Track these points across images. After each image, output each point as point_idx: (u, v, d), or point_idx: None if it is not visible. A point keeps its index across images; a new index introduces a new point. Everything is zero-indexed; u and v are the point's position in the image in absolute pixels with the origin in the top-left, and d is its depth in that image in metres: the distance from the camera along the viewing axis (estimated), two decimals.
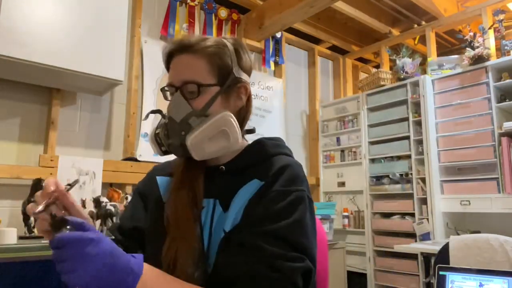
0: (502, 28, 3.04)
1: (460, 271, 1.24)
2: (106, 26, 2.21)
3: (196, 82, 0.77)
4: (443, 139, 3.06)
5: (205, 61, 0.79)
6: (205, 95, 0.78)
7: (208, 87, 0.78)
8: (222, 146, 0.77)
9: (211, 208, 0.78)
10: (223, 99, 0.80)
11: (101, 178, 2.38)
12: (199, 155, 0.77)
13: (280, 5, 3.12)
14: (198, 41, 0.80)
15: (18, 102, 2.28)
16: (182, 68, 0.80)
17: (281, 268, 0.65)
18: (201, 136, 0.75)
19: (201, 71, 0.78)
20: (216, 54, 0.80)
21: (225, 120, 0.76)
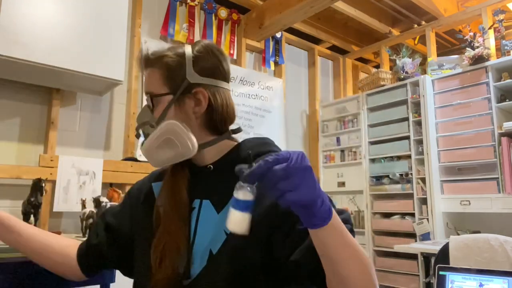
0: (502, 28, 3.04)
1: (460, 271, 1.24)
2: (106, 26, 2.22)
3: (150, 93, 0.82)
4: (443, 139, 3.06)
5: (159, 72, 0.82)
6: (160, 104, 0.81)
7: (160, 96, 0.81)
8: (172, 154, 0.79)
9: (197, 209, 0.79)
10: (178, 107, 0.81)
11: (101, 178, 2.38)
12: (154, 163, 0.81)
13: (280, 5, 3.12)
14: (156, 54, 0.84)
15: (18, 102, 2.28)
16: (145, 80, 0.86)
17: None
18: (149, 145, 0.80)
19: (155, 82, 0.82)
20: (168, 64, 0.82)
21: (169, 129, 0.78)
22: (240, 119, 3.29)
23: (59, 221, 2.31)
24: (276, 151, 0.83)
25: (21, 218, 1.99)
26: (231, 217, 0.57)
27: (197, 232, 0.76)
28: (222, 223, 0.72)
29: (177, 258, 0.73)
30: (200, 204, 0.79)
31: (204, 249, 0.74)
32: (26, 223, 0.92)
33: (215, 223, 0.75)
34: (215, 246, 0.73)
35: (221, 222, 0.74)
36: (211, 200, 0.78)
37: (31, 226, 0.91)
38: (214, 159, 0.83)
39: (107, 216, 0.92)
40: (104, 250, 0.88)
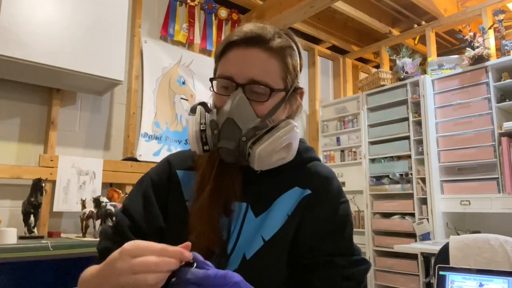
0: (502, 28, 3.04)
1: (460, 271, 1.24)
2: (106, 26, 2.22)
3: (269, 85, 0.70)
4: (443, 139, 3.06)
5: (279, 62, 0.72)
6: (272, 100, 0.71)
7: (278, 92, 0.72)
8: (281, 157, 0.71)
9: (243, 213, 0.72)
10: (286, 105, 0.75)
11: (101, 178, 2.38)
12: (260, 166, 0.70)
13: (280, 5, 3.12)
14: (273, 36, 0.72)
15: (18, 102, 2.28)
16: (252, 64, 0.70)
17: (351, 276, 0.70)
18: (270, 148, 0.68)
19: (273, 74, 0.71)
20: (289, 56, 0.73)
21: (294, 133, 0.71)
22: None
23: (59, 221, 2.31)
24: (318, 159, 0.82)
25: (21, 218, 1.99)
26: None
27: (240, 237, 0.71)
28: (260, 228, 0.71)
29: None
30: (246, 208, 0.73)
31: (239, 252, 0.70)
32: None
33: (252, 227, 0.71)
34: (250, 251, 0.69)
35: (258, 227, 0.71)
36: (251, 204, 0.73)
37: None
38: None
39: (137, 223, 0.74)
40: None
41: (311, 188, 0.74)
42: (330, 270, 0.69)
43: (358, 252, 0.73)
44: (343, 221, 0.74)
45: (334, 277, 0.69)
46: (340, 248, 0.71)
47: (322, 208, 0.73)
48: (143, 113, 2.72)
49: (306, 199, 0.73)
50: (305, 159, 0.78)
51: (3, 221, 2.06)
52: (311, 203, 0.73)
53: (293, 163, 0.74)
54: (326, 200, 0.74)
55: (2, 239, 1.71)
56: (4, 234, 1.74)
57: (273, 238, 0.70)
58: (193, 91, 3.01)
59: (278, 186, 0.74)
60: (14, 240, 1.78)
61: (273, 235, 0.70)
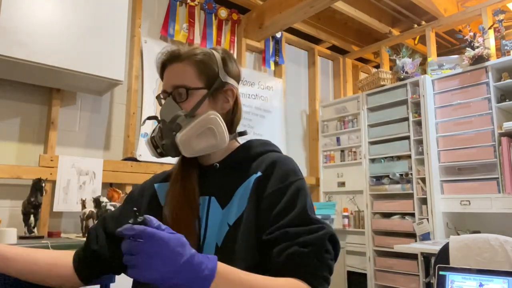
0: (502, 28, 3.04)
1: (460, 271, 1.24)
2: (106, 26, 2.22)
3: (185, 86, 0.84)
4: (443, 139, 3.06)
5: (193, 67, 0.86)
6: (194, 97, 0.84)
7: (196, 90, 0.85)
8: (209, 144, 0.82)
9: (206, 205, 0.82)
10: (211, 101, 0.86)
11: (101, 178, 2.38)
12: (188, 152, 0.82)
13: (280, 5, 3.12)
14: (187, 51, 0.88)
15: (18, 102, 2.28)
16: (173, 75, 0.87)
17: (308, 242, 0.72)
18: (190, 133, 0.81)
19: (189, 76, 0.85)
20: (203, 61, 0.87)
21: (211, 119, 0.82)
22: None
23: (59, 221, 2.32)
24: (277, 151, 0.92)
25: (21, 218, 1.99)
26: None
27: (208, 228, 0.80)
28: (226, 217, 0.80)
29: None
30: (208, 201, 0.83)
31: (212, 243, 0.78)
32: (9, 246, 0.88)
33: (219, 218, 0.80)
34: (220, 238, 0.78)
35: (225, 217, 0.80)
36: (216, 197, 0.83)
37: (14, 247, 0.88)
38: (220, 158, 0.88)
39: (107, 221, 0.91)
40: (107, 256, 0.87)
41: (262, 171, 0.83)
42: (286, 242, 0.72)
43: (316, 221, 0.76)
44: (293, 194, 0.78)
45: (291, 246, 0.71)
46: (295, 220, 0.75)
47: (271, 185, 0.80)
48: (143, 113, 2.72)
49: (257, 180, 0.81)
50: (261, 152, 0.88)
51: (3, 221, 2.06)
52: (262, 184, 0.80)
53: (248, 156, 0.87)
54: (274, 179, 0.81)
55: (2, 239, 1.71)
56: (4, 234, 1.74)
57: (236, 221, 0.78)
58: None
59: (238, 177, 0.84)
60: (14, 240, 1.78)
61: (236, 219, 0.78)
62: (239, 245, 0.75)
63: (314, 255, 0.71)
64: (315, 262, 0.71)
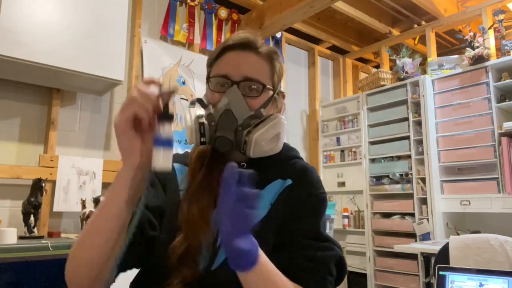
0: (502, 28, 3.04)
1: (460, 271, 1.24)
2: (106, 26, 2.22)
3: (261, 82, 0.80)
4: (443, 139, 3.06)
5: (268, 64, 0.83)
6: (263, 96, 0.81)
7: (268, 89, 0.82)
8: (273, 147, 0.79)
9: None
10: (273, 104, 0.85)
11: (101, 178, 2.38)
12: (256, 153, 0.77)
13: (280, 5, 3.11)
14: (266, 48, 0.85)
15: (18, 102, 2.28)
16: (246, 64, 0.80)
17: (315, 258, 0.72)
18: (266, 135, 0.77)
19: (264, 73, 0.82)
20: (276, 61, 0.85)
21: (282, 124, 0.80)
22: None
23: (59, 221, 2.31)
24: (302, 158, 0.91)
25: (21, 218, 1.99)
26: (157, 156, 0.63)
27: None
28: None
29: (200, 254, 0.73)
30: None
31: None
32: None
33: None
34: None
35: None
36: None
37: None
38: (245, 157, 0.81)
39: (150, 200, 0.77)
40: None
41: (292, 178, 0.81)
42: (295, 250, 0.73)
43: (327, 240, 0.76)
44: (315, 206, 0.79)
45: (298, 257, 0.72)
46: (308, 232, 0.75)
47: (298, 192, 0.79)
48: None
49: (288, 188, 0.80)
50: (288, 157, 0.87)
51: (3, 221, 2.06)
52: (292, 191, 0.80)
53: (276, 159, 0.83)
54: (303, 186, 0.80)
55: (2, 239, 1.72)
56: (4, 234, 1.74)
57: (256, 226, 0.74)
58: (193, 91, 3.01)
59: (262, 180, 0.79)
60: (14, 240, 1.78)
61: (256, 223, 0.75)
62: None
63: (316, 272, 0.72)
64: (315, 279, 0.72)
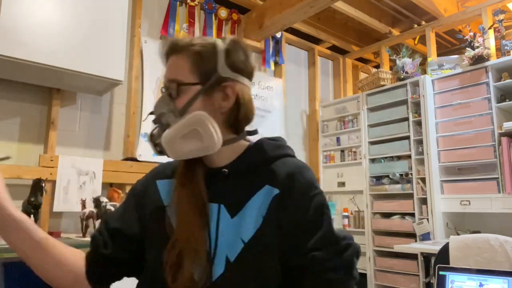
0: (502, 28, 3.04)
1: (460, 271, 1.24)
2: (106, 26, 2.22)
3: (176, 81, 0.77)
4: (443, 139, 3.06)
5: (188, 60, 0.78)
6: (186, 94, 0.77)
7: (188, 86, 0.77)
8: (196, 146, 0.74)
9: (216, 213, 0.75)
10: (206, 98, 0.77)
11: (101, 178, 2.38)
12: (173, 154, 0.76)
13: (280, 5, 3.11)
14: (185, 42, 0.80)
15: (18, 102, 2.28)
16: (169, 67, 0.80)
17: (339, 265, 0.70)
18: (174, 133, 0.74)
19: (182, 70, 0.78)
20: (199, 53, 0.78)
21: (197, 119, 0.74)
22: None
23: (59, 221, 2.31)
24: (294, 156, 0.84)
25: None
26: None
27: (218, 239, 0.73)
28: (237, 229, 0.73)
29: (195, 266, 0.70)
30: (218, 209, 0.75)
31: (221, 254, 0.72)
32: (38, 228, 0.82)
33: (229, 228, 0.73)
34: (232, 253, 0.71)
35: (236, 228, 0.73)
36: (225, 205, 0.75)
37: (42, 231, 0.81)
38: (229, 160, 0.80)
39: (111, 221, 0.83)
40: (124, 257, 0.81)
41: (279, 187, 0.75)
42: (315, 267, 0.69)
43: (342, 239, 0.73)
44: (318, 213, 0.73)
45: (321, 271, 0.69)
46: (321, 242, 0.71)
47: (294, 206, 0.73)
48: (143, 113, 2.72)
49: (276, 198, 0.74)
50: (273, 157, 0.80)
51: None
52: (282, 203, 0.73)
53: (260, 161, 0.79)
54: (295, 198, 0.74)
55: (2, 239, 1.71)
56: None
57: (252, 240, 0.71)
58: None
59: (249, 185, 0.77)
60: None
61: (251, 237, 0.72)
62: (255, 266, 0.70)
63: (345, 276, 0.70)
64: (346, 283, 0.70)
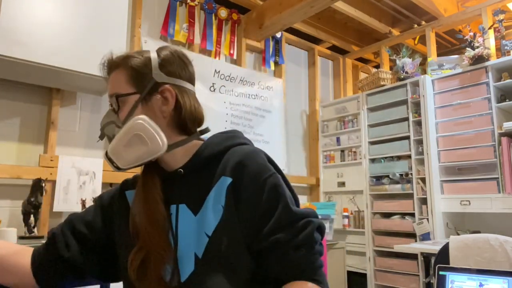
0: (502, 28, 3.04)
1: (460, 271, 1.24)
2: (106, 26, 2.22)
3: (116, 94, 0.80)
4: (443, 139, 3.06)
5: (124, 72, 0.80)
6: (126, 105, 0.79)
7: (126, 96, 0.79)
8: (142, 151, 0.76)
9: (175, 214, 0.77)
10: (145, 106, 0.79)
11: (101, 178, 2.38)
12: (122, 163, 0.78)
13: (280, 5, 3.12)
14: (120, 56, 0.83)
15: (18, 102, 2.28)
16: (110, 84, 0.83)
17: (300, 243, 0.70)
18: (116, 143, 0.77)
19: (120, 83, 0.80)
20: (133, 64, 0.80)
21: (136, 124, 0.75)
22: (240, 119, 3.29)
23: (59, 221, 2.30)
24: (246, 143, 0.84)
25: (21, 218, 1.99)
26: None
27: (179, 237, 0.75)
28: (201, 226, 0.75)
29: (162, 267, 0.72)
30: (176, 209, 0.77)
31: (188, 253, 0.73)
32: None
33: (194, 226, 0.75)
34: (199, 249, 0.73)
35: (200, 224, 0.75)
36: (187, 204, 0.77)
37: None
38: (183, 161, 0.81)
39: (77, 224, 0.84)
40: (80, 263, 0.82)
41: (231, 176, 0.76)
42: (279, 249, 0.70)
43: (300, 217, 0.72)
44: (272, 196, 0.73)
45: (284, 253, 0.70)
46: (279, 224, 0.71)
47: (247, 192, 0.74)
48: None
49: (230, 187, 0.75)
50: (224, 149, 0.81)
51: (3, 221, 2.06)
52: (235, 191, 0.75)
53: (211, 154, 0.80)
54: (247, 184, 0.74)
55: (2, 239, 1.71)
56: (4, 234, 1.74)
57: (215, 231, 0.73)
58: None
59: (206, 181, 0.78)
60: (14, 240, 1.78)
61: (214, 229, 0.73)
62: (222, 257, 0.72)
63: (308, 253, 0.71)
64: (310, 258, 0.71)
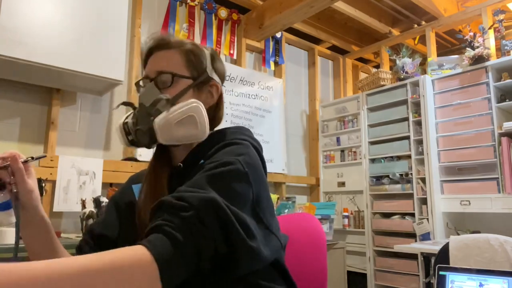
0: (502, 28, 3.04)
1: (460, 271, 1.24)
2: (106, 26, 2.22)
3: (171, 72, 0.81)
4: (443, 139, 3.06)
5: (181, 55, 0.84)
6: (178, 85, 0.81)
7: (181, 78, 0.82)
8: (190, 133, 0.77)
9: None
10: (195, 92, 0.83)
11: (101, 178, 2.38)
12: (165, 137, 0.76)
13: (280, 5, 3.12)
14: (177, 40, 0.86)
15: (18, 102, 2.28)
16: (159, 61, 0.84)
17: (182, 197, 0.61)
18: (169, 118, 0.76)
19: (176, 63, 0.83)
20: (192, 51, 0.85)
21: (194, 107, 0.78)
22: (240, 119, 3.29)
23: (59, 221, 2.31)
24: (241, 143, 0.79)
25: None
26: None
27: None
28: None
29: None
30: None
31: None
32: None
33: None
34: None
35: None
36: None
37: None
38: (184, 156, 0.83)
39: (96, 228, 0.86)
40: None
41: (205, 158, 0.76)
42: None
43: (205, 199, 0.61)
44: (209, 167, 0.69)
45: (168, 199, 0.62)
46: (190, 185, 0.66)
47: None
48: None
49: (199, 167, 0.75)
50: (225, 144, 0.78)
51: None
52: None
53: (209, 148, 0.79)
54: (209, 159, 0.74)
55: (2, 239, 1.71)
56: (4, 234, 1.74)
57: None
58: None
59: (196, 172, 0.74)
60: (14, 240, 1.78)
61: None
62: None
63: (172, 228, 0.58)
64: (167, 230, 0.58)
